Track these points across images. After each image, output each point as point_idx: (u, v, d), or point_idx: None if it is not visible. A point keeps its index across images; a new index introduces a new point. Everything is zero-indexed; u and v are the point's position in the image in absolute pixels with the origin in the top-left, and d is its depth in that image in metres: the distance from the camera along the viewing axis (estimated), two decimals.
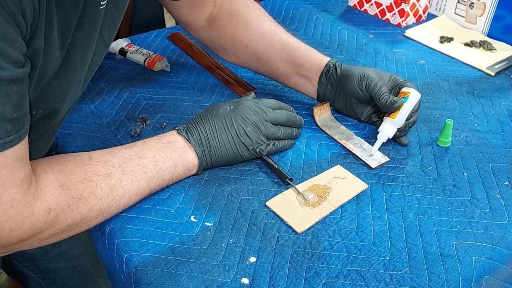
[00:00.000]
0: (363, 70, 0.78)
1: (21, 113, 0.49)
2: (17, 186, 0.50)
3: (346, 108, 0.83)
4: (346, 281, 0.58)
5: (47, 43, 0.52)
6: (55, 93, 0.59)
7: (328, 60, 0.82)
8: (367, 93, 0.77)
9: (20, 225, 0.52)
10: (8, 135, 0.47)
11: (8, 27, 0.44)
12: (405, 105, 0.74)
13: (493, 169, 0.75)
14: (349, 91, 0.80)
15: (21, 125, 0.49)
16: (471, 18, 1.15)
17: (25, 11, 0.45)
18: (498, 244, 0.63)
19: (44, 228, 0.54)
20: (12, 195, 0.50)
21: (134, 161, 0.63)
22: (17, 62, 0.47)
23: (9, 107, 0.47)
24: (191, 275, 0.58)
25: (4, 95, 0.46)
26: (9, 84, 0.46)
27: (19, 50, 0.46)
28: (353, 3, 1.25)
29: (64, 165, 0.58)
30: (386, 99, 0.74)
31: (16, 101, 0.47)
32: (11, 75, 0.46)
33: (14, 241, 0.53)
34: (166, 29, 1.15)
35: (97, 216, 0.60)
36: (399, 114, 0.74)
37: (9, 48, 0.45)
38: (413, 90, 0.75)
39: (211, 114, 0.71)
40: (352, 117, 0.84)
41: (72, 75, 0.59)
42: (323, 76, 0.82)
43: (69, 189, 0.56)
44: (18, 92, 0.47)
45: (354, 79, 0.78)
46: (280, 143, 0.75)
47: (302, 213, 0.66)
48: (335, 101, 0.84)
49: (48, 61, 0.54)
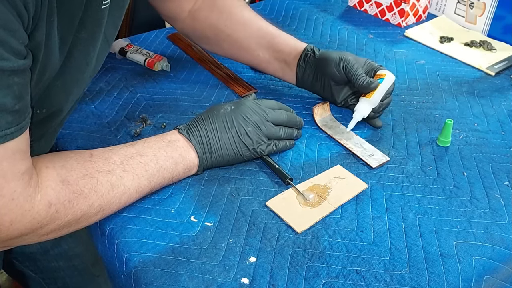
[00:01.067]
0: (341, 53, 0.81)
1: (22, 105, 0.48)
2: (18, 178, 0.50)
3: (324, 91, 0.86)
4: (346, 281, 0.58)
5: (48, 37, 0.51)
6: (58, 92, 0.59)
7: (306, 45, 0.85)
8: (344, 75, 0.80)
9: (20, 218, 0.51)
10: (9, 127, 0.47)
11: (10, 17, 0.44)
12: (380, 85, 0.78)
13: (493, 169, 0.75)
14: (327, 73, 0.82)
15: (22, 117, 0.49)
16: (471, 18, 1.15)
17: (27, 2, 0.45)
18: (498, 244, 0.63)
19: (44, 222, 0.54)
20: (13, 188, 0.50)
21: (135, 158, 0.63)
22: (19, 53, 0.46)
23: (11, 99, 0.46)
24: (191, 275, 0.58)
25: (5, 86, 0.46)
26: (11, 75, 0.46)
27: (21, 41, 0.46)
28: (353, 3, 1.25)
29: (65, 161, 0.58)
30: (363, 80, 0.78)
31: (17, 92, 0.47)
32: (12, 65, 0.45)
33: (14, 235, 0.52)
34: (166, 29, 1.15)
35: (98, 212, 0.60)
36: (375, 94, 0.78)
37: (11, 38, 0.45)
38: (388, 72, 0.79)
39: (212, 114, 0.71)
40: (329, 100, 0.87)
41: (75, 75, 0.59)
42: (302, 60, 0.84)
43: (70, 185, 0.56)
44: (20, 84, 0.47)
45: (332, 62, 0.81)
46: (281, 143, 0.75)
47: (302, 213, 0.66)
48: (314, 84, 0.86)
49: (49, 56, 0.53)
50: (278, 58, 0.86)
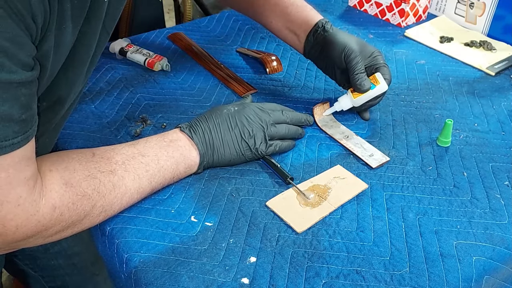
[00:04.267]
0: (347, 39, 0.81)
1: (29, 115, 0.49)
2: (23, 184, 0.51)
3: (325, 69, 0.87)
4: (346, 281, 0.58)
5: (58, 44, 0.51)
6: (61, 85, 0.59)
7: (318, 20, 0.84)
8: (344, 63, 0.80)
9: (26, 223, 0.52)
10: (16, 136, 0.48)
11: (18, 30, 0.44)
12: (370, 91, 0.79)
13: (493, 169, 0.75)
14: (330, 56, 0.82)
15: (28, 126, 0.49)
16: (471, 18, 1.15)
17: (35, 15, 0.45)
18: (498, 244, 0.63)
19: (49, 225, 0.55)
20: (19, 193, 0.50)
21: (136, 159, 0.64)
22: (27, 65, 0.47)
23: (17, 109, 0.47)
24: (192, 275, 0.58)
25: (12, 97, 0.46)
26: (18, 87, 0.46)
27: (28, 53, 0.47)
28: (353, 3, 1.25)
29: (68, 163, 0.59)
30: (358, 78, 0.78)
31: (24, 102, 0.47)
32: (20, 78, 0.46)
33: (19, 238, 0.53)
34: (166, 29, 1.15)
35: (100, 213, 0.60)
36: (361, 97, 0.79)
37: (19, 51, 0.45)
38: (383, 82, 0.79)
39: (215, 114, 0.72)
40: (331, 77, 0.87)
41: (78, 68, 0.59)
42: (311, 35, 0.84)
43: (73, 187, 0.57)
44: (27, 94, 0.48)
45: (336, 46, 0.80)
46: (283, 144, 0.75)
47: (302, 213, 0.66)
48: (318, 61, 0.87)
49: (58, 61, 0.54)
50: (289, 27, 0.86)
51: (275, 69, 0.98)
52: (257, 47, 1.07)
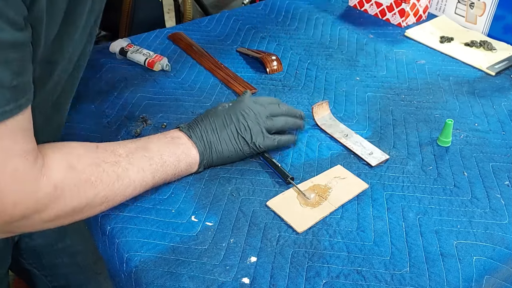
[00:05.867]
0: None
1: (21, 81, 0.47)
2: (20, 156, 0.48)
3: None
4: (347, 281, 0.58)
5: (51, 4, 0.49)
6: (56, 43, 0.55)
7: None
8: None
9: (24, 200, 0.50)
10: (7, 104, 0.46)
11: None
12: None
13: (493, 168, 0.75)
14: None
15: (21, 94, 0.47)
16: (471, 18, 1.15)
17: None
18: (499, 243, 0.63)
19: (48, 204, 0.53)
20: (15, 165, 0.48)
21: (140, 152, 0.63)
22: (16, 23, 0.44)
23: (8, 74, 0.45)
24: (192, 275, 0.58)
25: (1, 60, 0.44)
26: (8, 48, 0.44)
27: (18, 12, 0.44)
28: (353, 3, 1.25)
29: (72, 149, 0.57)
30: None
31: (16, 68, 0.45)
32: (8, 37, 0.44)
33: (17, 216, 0.51)
34: (166, 29, 1.15)
35: (102, 203, 0.59)
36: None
37: (7, 8, 0.43)
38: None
39: (211, 113, 0.72)
40: None
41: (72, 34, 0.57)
42: None
43: (77, 171, 0.55)
44: (18, 59, 0.46)
45: None
46: (283, 139, 0.75)
47: (302, 213, 0.66)
48: None
49: (52, 25, 0.51)
50: None
51: (275, 69, 0.98)
52: (257, 47, 1.07)
